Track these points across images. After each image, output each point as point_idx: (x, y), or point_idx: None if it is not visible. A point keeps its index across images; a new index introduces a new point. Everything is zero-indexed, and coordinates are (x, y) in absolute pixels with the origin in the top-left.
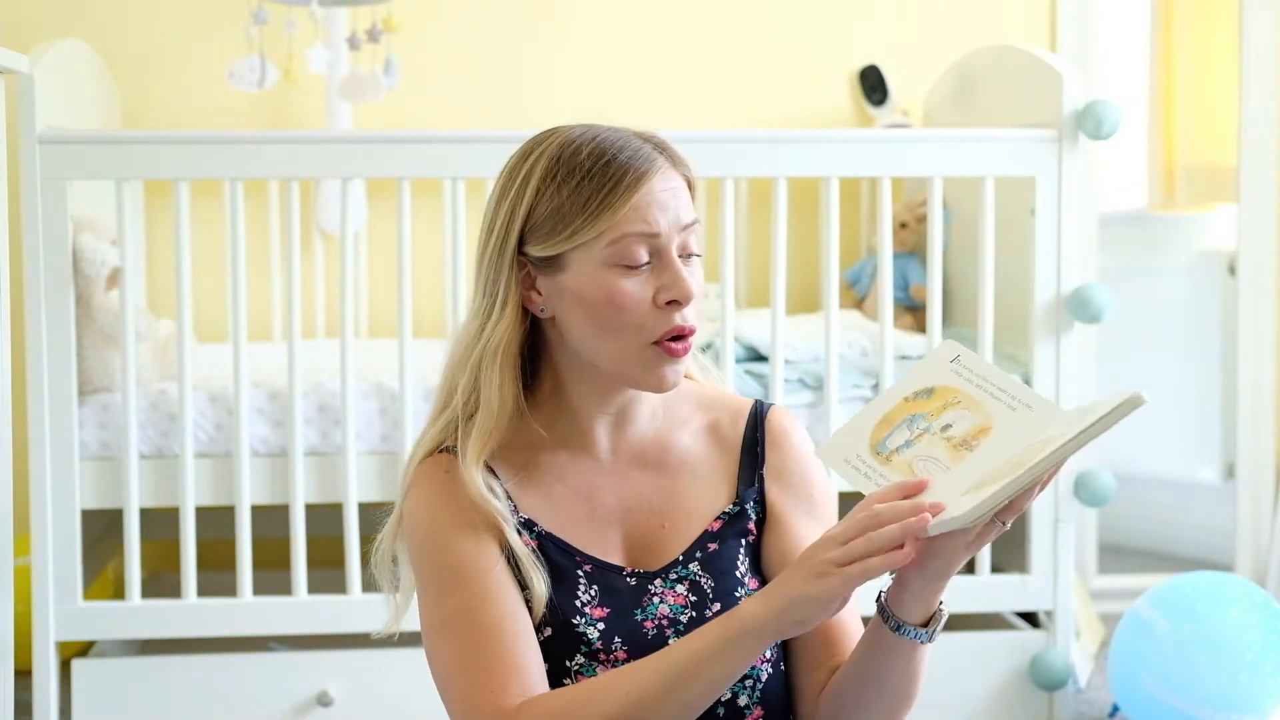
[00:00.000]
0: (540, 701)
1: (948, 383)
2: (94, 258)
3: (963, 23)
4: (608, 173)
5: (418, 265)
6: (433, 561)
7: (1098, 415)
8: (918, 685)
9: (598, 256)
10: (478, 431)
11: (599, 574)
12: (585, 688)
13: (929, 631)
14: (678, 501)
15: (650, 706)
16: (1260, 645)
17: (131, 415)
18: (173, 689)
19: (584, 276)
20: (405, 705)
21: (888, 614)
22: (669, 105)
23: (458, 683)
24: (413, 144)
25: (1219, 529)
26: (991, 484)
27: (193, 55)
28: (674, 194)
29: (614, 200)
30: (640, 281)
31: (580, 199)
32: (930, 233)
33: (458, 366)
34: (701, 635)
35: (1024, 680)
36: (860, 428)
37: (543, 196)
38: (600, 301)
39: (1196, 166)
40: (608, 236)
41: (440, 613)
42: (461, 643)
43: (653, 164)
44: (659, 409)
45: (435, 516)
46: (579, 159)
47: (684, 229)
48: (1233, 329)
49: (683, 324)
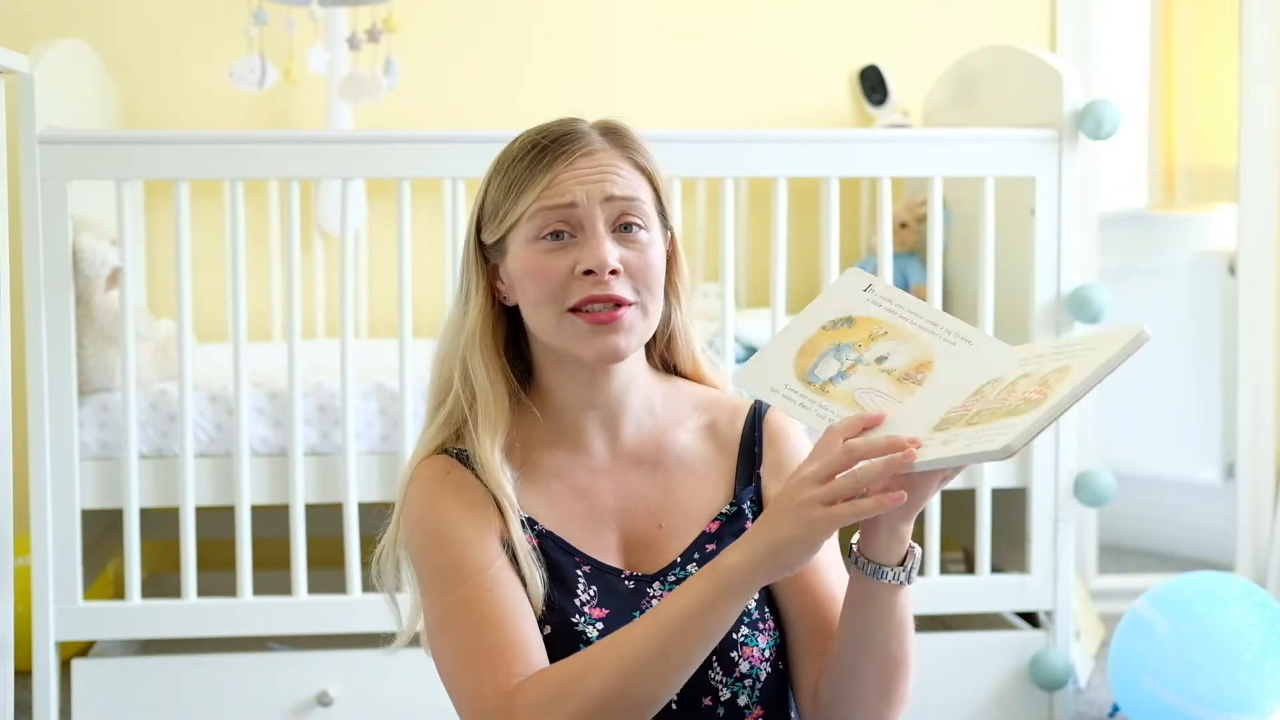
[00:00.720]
0: (539, 677)
1: (868, 313)
2: (94, 258)
3: (963, 23)
4: (531, 155)
5: (418, 265)
6: (434, 558)
7: (1106, 355)
8: (907, 644)
9: (523, 234)
10: (483, 419)
11: (598, 575)
12: (582, 658)
13: (906, 570)
14: (674, 501)
15: (648, 668)
16: (1260, 645)
17: (131, 415)
18: (173, 689)
19: (515, 256)
20: (405, 705)
21: (862, 561)
22: (669, 105)
23: (462, 674)
24: (413, 144)
25: (1219, 529)
26: (974, 422)
27: (193, 55)
28: (602, 170)
29: (533, 179)
30: (561, 254)
31: (508, 182)
32: (930, 233)
33: (448, 359)
34: (689, 591)
35: (1024, 680)
36: (779, 356)
37: (490, 187)
38: (523, 276)
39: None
40: (529, 213)
41: (442, 607)
42: (464, 634)
43: (580, 143)
44: (654, 408)
45: (436, 514)
46: (513, 149)
47: (610, 200)
48: (1233, 329)
49: (600, 292)
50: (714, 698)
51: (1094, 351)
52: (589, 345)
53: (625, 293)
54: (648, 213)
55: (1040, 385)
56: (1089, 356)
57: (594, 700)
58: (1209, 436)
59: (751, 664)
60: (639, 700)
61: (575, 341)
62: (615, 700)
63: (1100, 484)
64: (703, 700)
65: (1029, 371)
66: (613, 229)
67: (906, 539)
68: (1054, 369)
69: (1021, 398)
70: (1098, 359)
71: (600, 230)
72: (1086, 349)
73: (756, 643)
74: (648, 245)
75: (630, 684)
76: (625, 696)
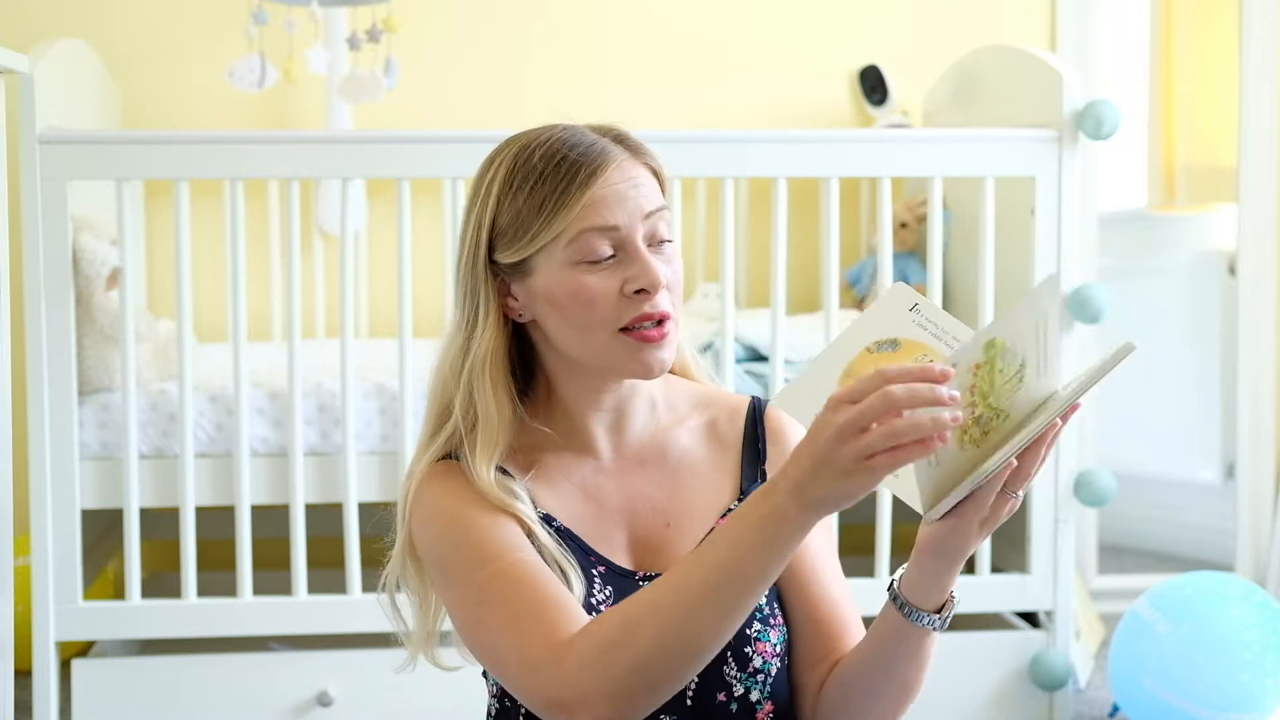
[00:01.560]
0: (589, 629)
1: (913, 336)
2: (94, 258)
3: (963, 23)
4: (560, 173)
5: (418, 265)
6: (455, 546)
7: (1094, 365)
8: (925, 674)
9: (560, 257)
10: (481, 445)
11: (612, 577)
12: (631, 606)
13: (942, 618)
14: (681, 500)
15: (699, 617)
16: (1260, 645)
17: (131, 415)
18: (173, 689)
19: (550, 278)
20: (405, 705)
21: (901, 601)
22: (669, 105)
23: (507, 642)
24: (413, 144)
25: (1219, 529)
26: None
27: (193, 55)
28: (633, 184)
29: (568, 199)
30: (606, 275)
31: (535, 202)
32: (930, 233)
33: (449, 382)
34: (738, 535)
35: (1024, 680)
36: (821, 379)
37: (503, 205)
38: (568, 300)
39: (1196, 166)
40: (566, 236)
41: (475, 586)
42: (502, 604)
43: (605, 157)
44: (656, 407)
45: (453, 501)
46: (533, 163)
47: (647, 217)
48: (1233, 329)
49: (652, 310)
50: (728, 693)
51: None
52: (637, 362)
53: (669, 308)
54: (669, 220)
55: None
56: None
57: (645, 652)
58: (1209, 436)
59: (764, 659)
60: (690, 649)
61: (624, 360)
62: (666, 651)
63: (1100, 484)
64: (717, 695)
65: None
66: (648, 243)
67: (948, 587)
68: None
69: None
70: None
71: (642, 248)
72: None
73: (769, 638)
74: (674, 256)
75: (682, 632)
76: (676, 647)
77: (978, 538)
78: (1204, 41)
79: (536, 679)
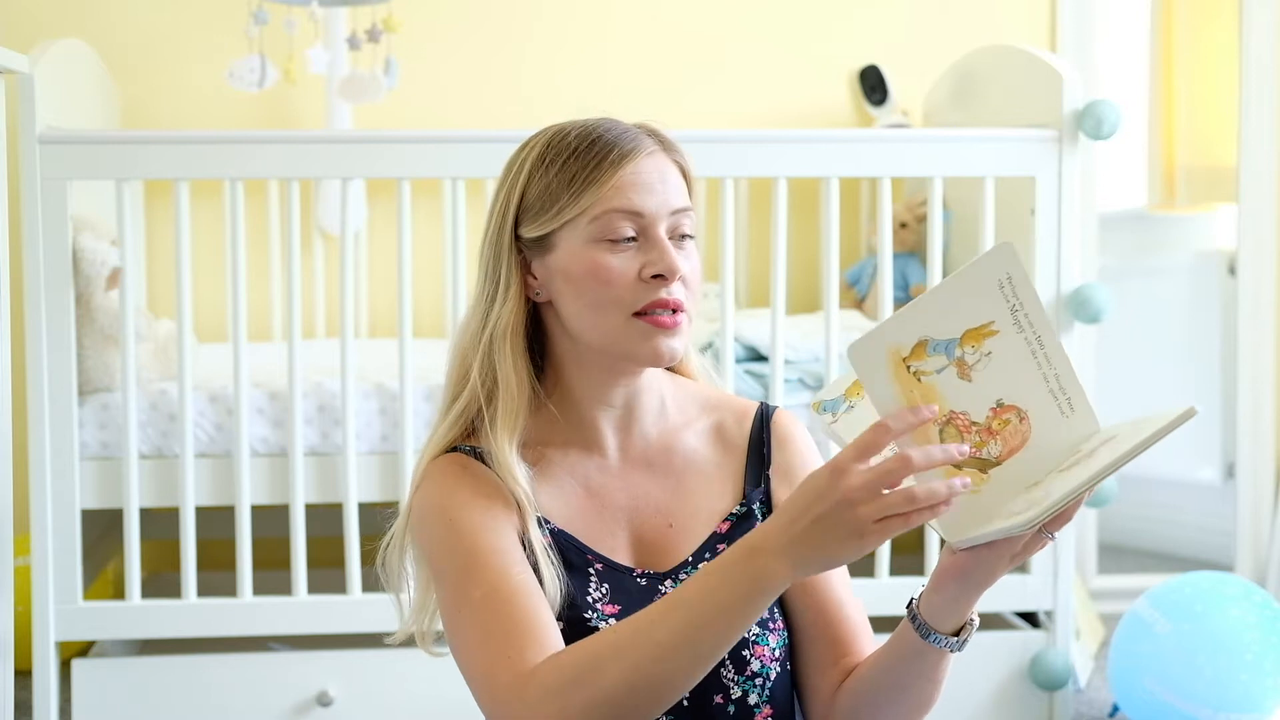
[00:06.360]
0: (555, 660)
1: (992, 316)
2: (94, 258)
3: (963, 23)
4: (593, 150)
5: (418, 265)
6: (449, 547)
7: (1154, 428)
8: (939, 690)
9: (583, 233)
10: (503, 414)
11: (609, 573)
12: (600, 644)
13: (960, 640)
14: (684, 502)
15: (670, 661)
16: (1260, 645)
17: (131, 415)
18: (173, 689)
19: (571, 254)
20: (405, 705)
21: (919, 621)
22: (669, 105)
23: (478, 655)
24: (413, 144)
25: (1219, 529)
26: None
27: (193, 55)
28: (662, 177)
29: (599, 175)
30: (626, 257)
31: (566, 176)
32: (930, 233)
33: (468, 352)
34: (722, 584)
35: (1024, 680)
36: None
37: (534, 179)
38: (586, 277)
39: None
40: (592, 212)
41: (458, 594)
42: (480, 618)
43: (639, 144)
44: (665, 407)
45: (452, 503)
46: (568, 140)
47: (674, 213)
48: (1233, 329)
49: (667, 296)
50: (725, 696)
51: (1142, 425)
52: (648, 348)
53: (684, 299)
54: (694, 221)
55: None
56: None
57: (610, 689)
58: (1209, 436)
59: (763, 663)
60: (657, 691)
61: (635, 344)
62: (633, 690)
63: (1100, 484)
64: (714, 698)
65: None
66: (669, 236)
67: (967, 612)
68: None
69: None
70: (1143, 431)
71: (663, 237)
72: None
73: (767, 642)
74: (694, 254)
75: (650, 675)
76: (643, 688)
77: (1006, 568)
78: (1204, 41)
79: (497, 703)
